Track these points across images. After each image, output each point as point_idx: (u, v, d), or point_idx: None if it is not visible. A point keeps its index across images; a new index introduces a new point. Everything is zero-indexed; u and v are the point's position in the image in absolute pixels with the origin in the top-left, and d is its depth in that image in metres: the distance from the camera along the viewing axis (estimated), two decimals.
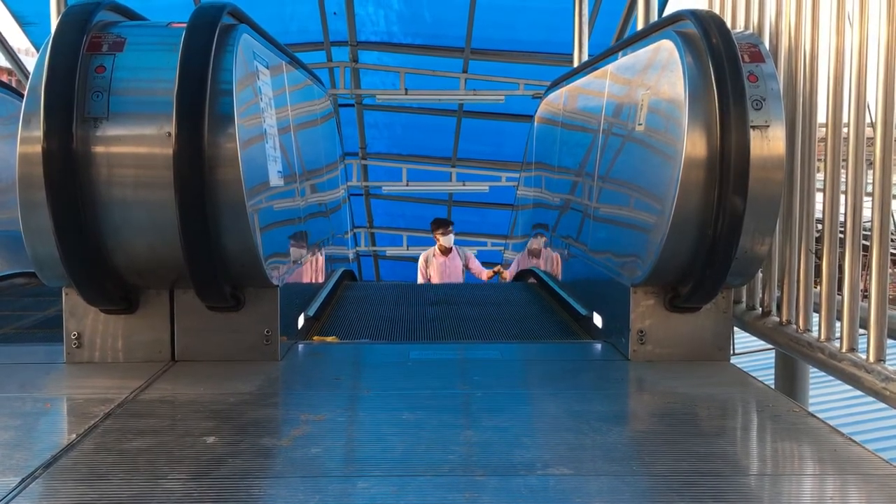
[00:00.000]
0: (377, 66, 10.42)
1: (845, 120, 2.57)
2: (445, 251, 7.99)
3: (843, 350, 2.54)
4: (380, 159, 11.84)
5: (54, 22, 6.93)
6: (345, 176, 7.80)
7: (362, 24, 9.78)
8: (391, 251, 12.85)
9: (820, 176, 2.83)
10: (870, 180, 2.47)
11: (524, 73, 9.71)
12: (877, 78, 2.37)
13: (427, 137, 11.54)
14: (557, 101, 5.42)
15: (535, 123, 6.49)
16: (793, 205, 2.94)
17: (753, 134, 2.73)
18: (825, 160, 2.73)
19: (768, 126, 2.77)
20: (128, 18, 3.11)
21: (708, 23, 2.84)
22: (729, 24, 3.30)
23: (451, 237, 7.98)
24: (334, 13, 9.43)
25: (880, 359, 2.38)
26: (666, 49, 3.01)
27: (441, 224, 8.22)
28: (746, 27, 3.22)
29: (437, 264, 7.99)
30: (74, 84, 2.65)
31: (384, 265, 13.88)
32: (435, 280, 8.01)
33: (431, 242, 8.31)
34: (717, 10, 3.43)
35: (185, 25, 2.82)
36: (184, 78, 2.68)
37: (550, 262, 5.20)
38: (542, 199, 5.70)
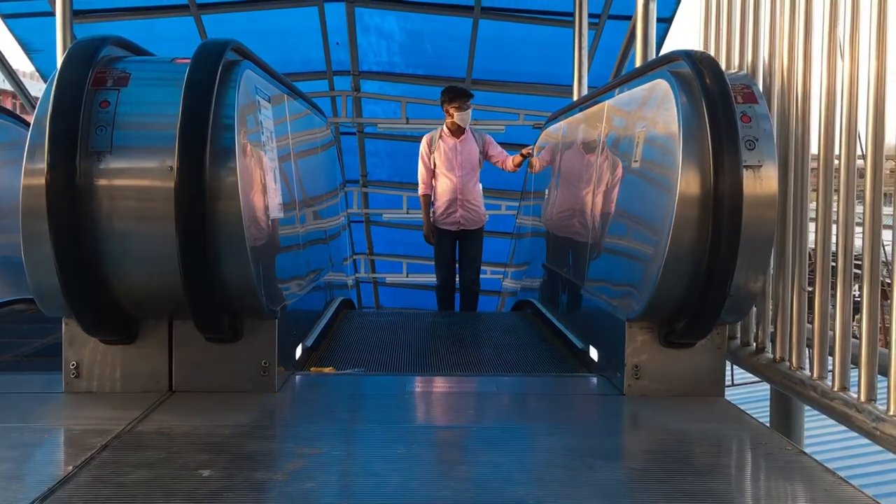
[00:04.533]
0: (379, 95, 10.51)
1: (836, 152, 2.61)
2: (457, 131, 5.97)
3: (836, 389, 2.57)
4: (381, 187, 11.89)
5: (59, 50, 7.04)
6: (345, 203, 7.84)
7: (364, 54, 9.89)
8: (391, 278, 12.85)
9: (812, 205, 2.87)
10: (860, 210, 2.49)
11: (524, 103, 9.78)
12: (867, 110, 2.40)
13: None
14: (556, 132, 5.48)
15: (535, 152, 6.54)
16: (786, 242, 2.98)
17: (746, 174, 2.77)
18: (818, 193, 2.76)
19: (761, 166, 2.82)
20: (133, 53, 3.17)
21: (702, 64, 2.90)
22: (723, 65, 3.37)
23: (469, 115, 5.96)
24: (337, 43, 9.54)
25: (871, 398, 2.40)
26: (661, 88, 3.07)
27: (457, 94, 5.95)
28: (740, 68, 3.28)
29: (444, 149, 5.96)
30: (79, 119, 2.70)
31: (384, 292, 13.88)
32: (442, 170, 5.96)
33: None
34: (711, 51, 3.49)
35: (188, 61, 2.87)
36: (187, 113, 2.73)
37: (547, 292, 5.22)
38: (540, 226, 5.74)
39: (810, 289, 2.82)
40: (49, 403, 3.00)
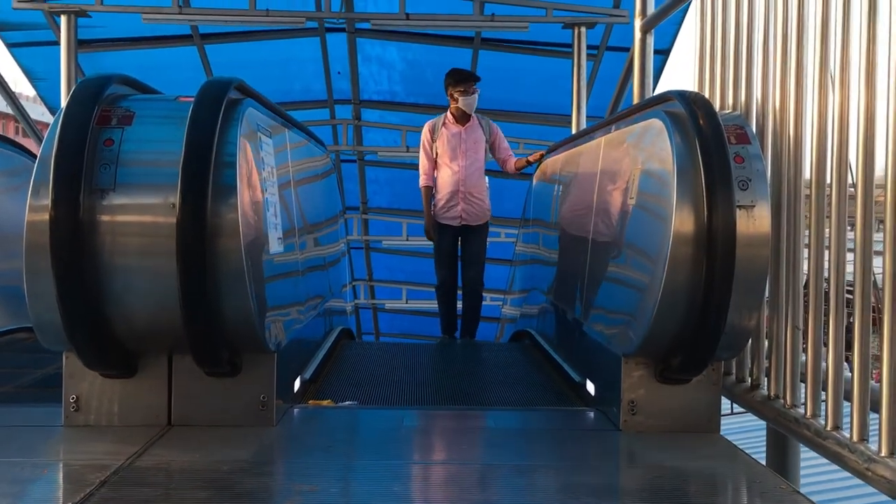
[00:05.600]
0: (379, 123, 10.62)
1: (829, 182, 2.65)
2: (462, 118, 5.61)
3: (828, 428, 2.59)
4: (380, 214, 11.98)
5: (63, 79, 7.13)
6: (345, 230, 7.89)
7: (365, 83, 10.00)
8: (390, 304, 12.90)
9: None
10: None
11: (524, 132, 9.88)
12: (857, 140, 2.46)
13: None
14: (555, 165, 5.54)
15: (534, 181, 6.61)
16: (779, 280, 3.01)
17: (739, 213, 2.81)
18: (810, 231, 2.81)
19: (754, 206, 2.86)
20: (138, 91, 3.22)
21: (696, 105, 2.95)
22: (717, 104, 3.43)
23: (475, 100, 5.59)
24: (338, 72, 9.65)
25: (863, 438, 2.42)
26: (655, 128, 3.12)
27: (462, 77, 5.61)
28: (734, 108, 3.33)
29: (447, 136, 5.58)
30: (83, 157, 2.74)
31: (383, 318, 13.91)
32: (444, 160, 5.58)
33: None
34: (705, 90, 3.55)
35: (192, 100, 2.92)
36: (189, 152, 2.78)
37: (545, 323, 5.25)
38: (539, 255, 5.78)
39: (811, 314, 2.83)
40: (49, 437, 3.02)
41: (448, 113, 5.70)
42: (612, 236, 3.55)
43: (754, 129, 3.13)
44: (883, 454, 2.30)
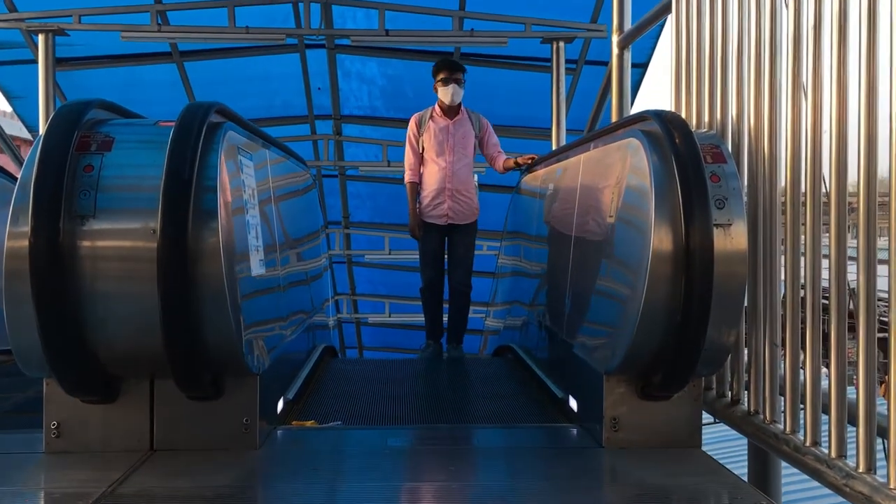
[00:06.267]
0: (360, 138, 10.63)
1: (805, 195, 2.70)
2: (449, 111, 5.32)
3: (807, 444, 2.62)
4: (362, 228, 11.97)
5: (41, 98, 7.10)
6: (327, 245, 7.87)
7: (346, 98, 10.02)
8: (373, 318, 12.88)
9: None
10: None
11: (504, 146, 9.86)
12: (830, 151, 2.51)
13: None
14: (535, 181, 5.57)
15: (518, 194, 6.64)
16: (757, 296, 3.05)
17: (716, 232, 2.85)
18: (786, 249, 2.85)
19: (730, 224, 2.90)
20: (118, 115, 3.21)
21: (672, 125, 2.99)
22: (693, 123, 3.48)
23: (457, 90, 5.29)
24: (318, 88, 9.66)
25: (841, 454, 2.45)
26: (633, 146, 3.15)
27: (441, 66, 5.37)
28: (710, 126, 3.38)
29: (434, 130, 5.27)
30: (62, 185, 2.73)
31: (366, 332, 13.89)
32: (431, 154, 5.27)
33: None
34: (682, 110, 3.60)
35: (172, 125, 2.92)
36: (170, 177, 2.77)
37: (527, 338, 5.27)
38: (520, 268, 5.80)
39: (787, 329, 2.87)
40: (29, 464, 2.99)
41: (436, 106, 5.43)
42: (592, 254, 3.58)
43: (730, 146, 3.17)
44: (861, 470, 2.34)
